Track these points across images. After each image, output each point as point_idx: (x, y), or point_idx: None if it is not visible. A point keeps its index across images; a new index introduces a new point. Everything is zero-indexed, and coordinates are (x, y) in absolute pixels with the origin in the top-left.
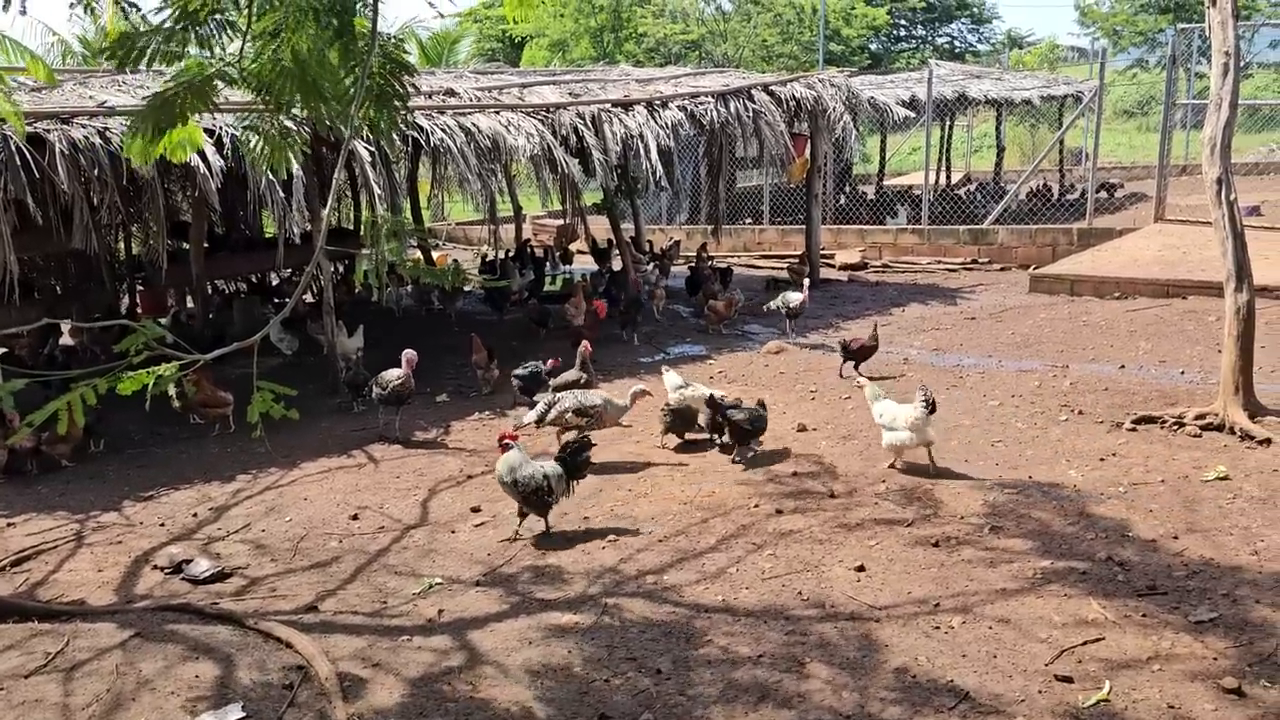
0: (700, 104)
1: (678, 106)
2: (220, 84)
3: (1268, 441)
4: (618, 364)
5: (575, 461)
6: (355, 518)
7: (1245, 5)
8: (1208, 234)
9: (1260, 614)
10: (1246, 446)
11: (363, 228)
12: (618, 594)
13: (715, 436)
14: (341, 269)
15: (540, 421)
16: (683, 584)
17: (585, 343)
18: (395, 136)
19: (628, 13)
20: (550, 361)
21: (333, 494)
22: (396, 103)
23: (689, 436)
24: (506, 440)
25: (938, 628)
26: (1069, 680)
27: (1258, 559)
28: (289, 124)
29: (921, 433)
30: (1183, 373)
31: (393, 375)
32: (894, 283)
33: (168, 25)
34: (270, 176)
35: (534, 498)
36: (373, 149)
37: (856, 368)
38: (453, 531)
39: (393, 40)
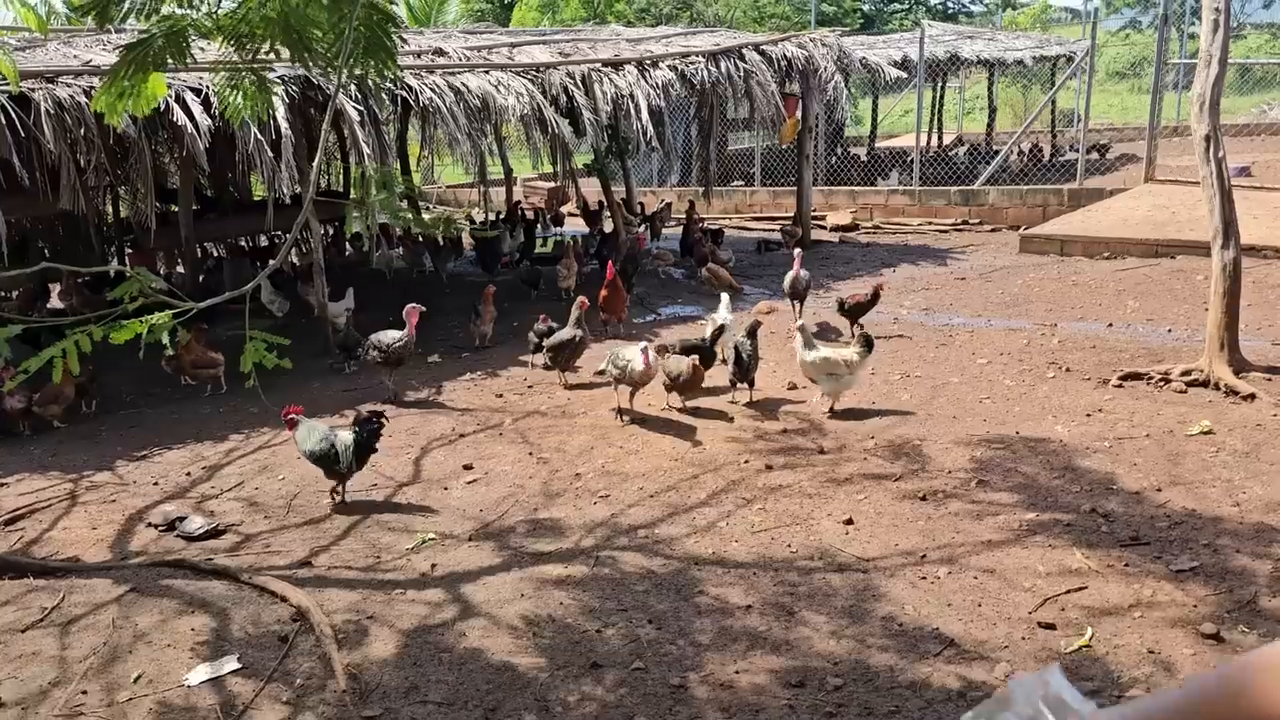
0: (691, 64)
1: (668, 66)
2: (199, 38)
3: (1251, 397)
4: (613, 325)
5: (365, 433)
6: None
7: None
8: (1197, 195)
9: (1240, 563)
10: (1230, 402)
11: (352, 186)
12: (610, 547)
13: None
14: (331, 231)
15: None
16: (675, 537)
17: (582, 299)
18: (384, 96)
19: None
20: (542, 318)
21: None
22: (384, 55)
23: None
24: (291, 415)
25: (924, 578)
26: (1052, 627)
27: (1239, 510)
28: (270, 75)
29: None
30: (1170, 330)
31: (391, 336)
32: (885, 244)
33: None
34: (258, 136)
35: (325, 465)
36: (361, 108)
37: (853, 324)
38: (445, 489)
39: None
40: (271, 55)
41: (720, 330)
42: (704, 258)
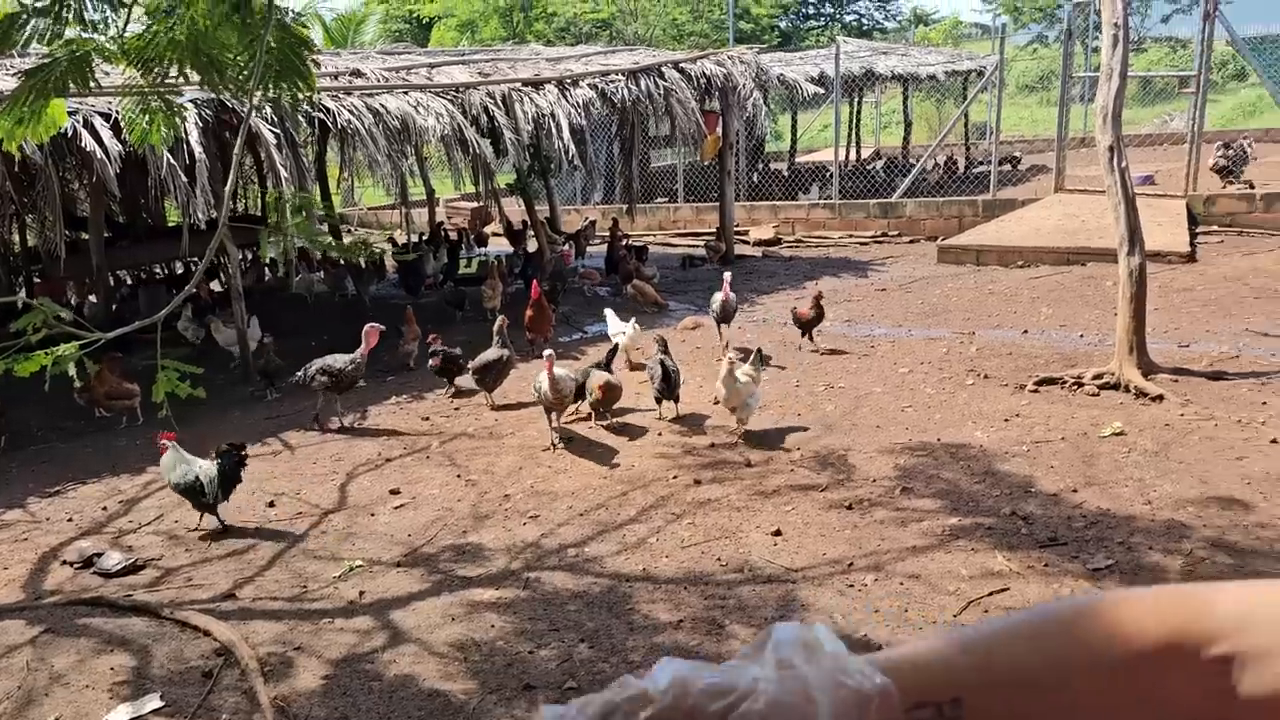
0: (611, 82)
1: (589, 85)
2: (103, 62)
3: (1160, 398)
4: (539, 344)
5: (227, 464)
6: (272, 505)
7: None
8: (1105, 203)
9: (1152, 559)
10: (1141, 403)
11: (269, 210)
12: (540, 567)
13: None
14: (250, 256)
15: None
16: (604, 555)
17: (502, 317)
18: (300, 118)
19: None
20: (432, 338)
21: (248, 482)
22: (297, 78)
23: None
24: (163, 441)
25: (851, 586)
26: None
27: (1150, 508)
28: (182, 99)
29: (731, 389)
30: (1081, 335)
31: (342, 360)
32: (807, 257)
33: (44, 3)
34: (171, 160)
35: (191, 497)
36: (277, 131)
37: (808, 336)
38: (372, 514)
39: (291, 15)
40: (181, 79)
41: (614, 352)
42: (629, 275)
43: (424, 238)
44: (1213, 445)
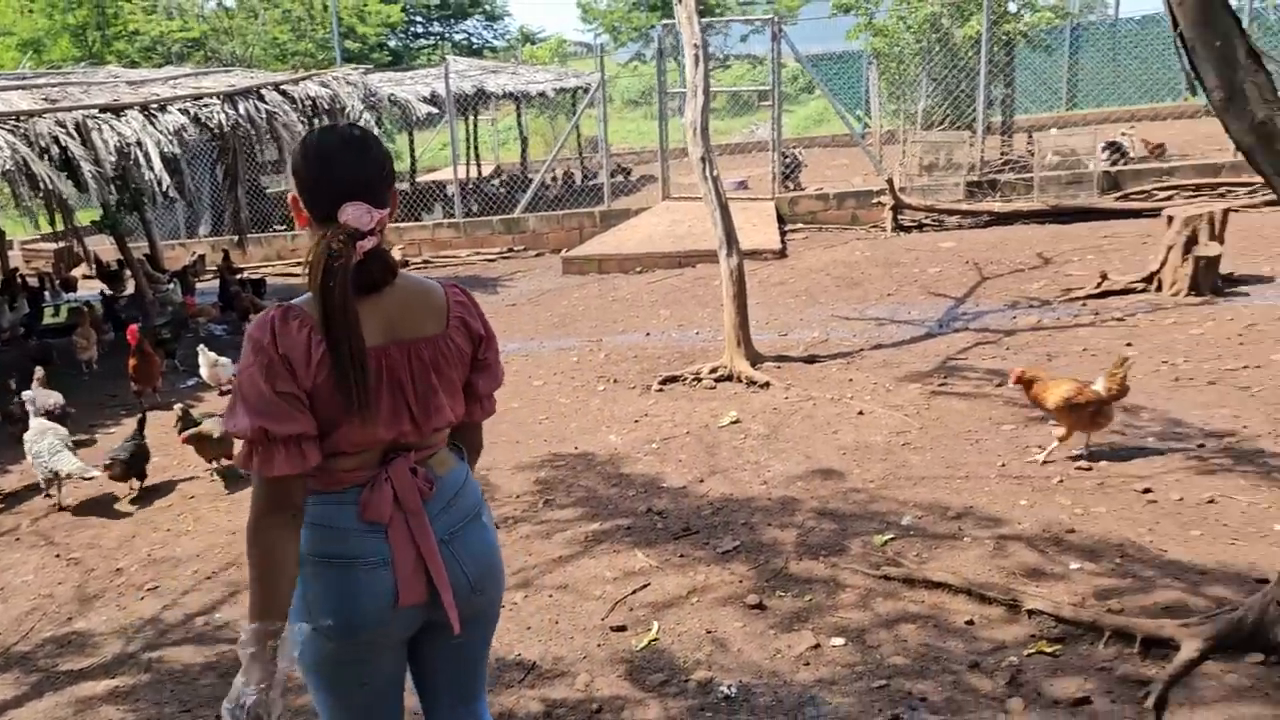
0: (205, 106)
1: (179, 110)
2: None
3: (767, 385)
4: (161, 391)
5: None
6: None
7: (717, 3)
8: (706, 209)
9: (771, 535)
10: (751, 391)
11: None
12: (163, 644)
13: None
14: None
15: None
16: (238, 618)
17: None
18: None
19: (114, 7)
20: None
21: None
22: None
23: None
24: None
25: (503, 606)
26: (623, 629)
27: (766, 488)
28: None
29: None
30: (698, 333)
31: None
32: (437, 277)
33: None
34: None
35: None
36: None
37: None
38: None
39: None
40: None
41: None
42: (246, 310)
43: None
44: (813, 423)
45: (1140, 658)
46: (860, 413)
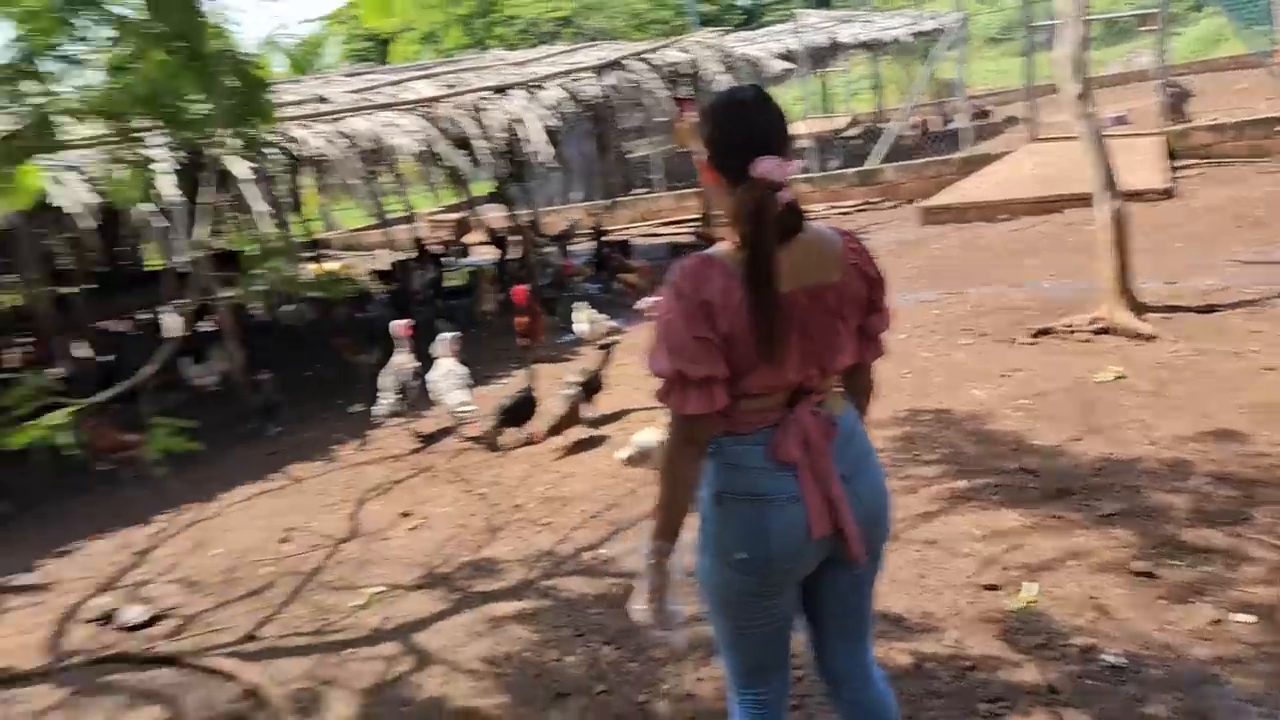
0: (578, 80)
1: (556, 85)
2: (68, 119)
3: (1153, 338)
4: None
5: None
6: (285, 540)
7: None
8: (1079, 149)
9: (1159, 500)
10: (1135, 345)
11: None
12: (557, 574)
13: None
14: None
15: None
16: (620, 555)
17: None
18: (264, 152)
19: None
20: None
21: (258, 520)
22: (258, 118)
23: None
24: None
25: None
26: (995, 588)
27: (1154, 449)
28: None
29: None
30: (1070, 283)
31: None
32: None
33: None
34: (152, 205)
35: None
36: (255, 166)
37: None
38: (385, 539)
39: (247, 57)
40: (145, 130)
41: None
42: (615, 270)
43: (416, 256)
44: (1209, 379)
45: None
46: (1269, 368)
